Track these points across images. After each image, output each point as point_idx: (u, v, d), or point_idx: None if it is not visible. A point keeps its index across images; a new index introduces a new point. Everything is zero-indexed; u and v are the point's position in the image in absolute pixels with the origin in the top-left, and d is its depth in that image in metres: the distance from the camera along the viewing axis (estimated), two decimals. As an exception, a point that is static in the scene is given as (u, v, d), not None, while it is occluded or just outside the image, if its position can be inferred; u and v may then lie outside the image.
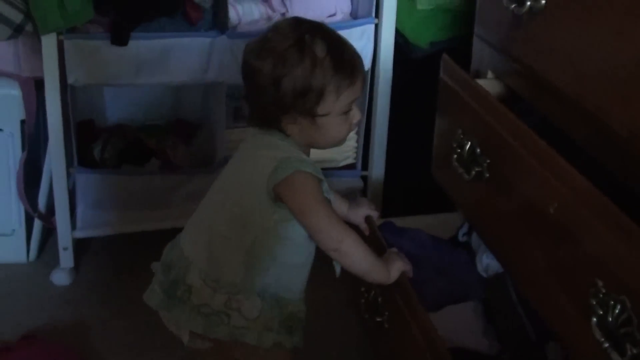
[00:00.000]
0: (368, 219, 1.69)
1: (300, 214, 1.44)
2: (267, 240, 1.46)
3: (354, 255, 1.48)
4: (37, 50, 2.06)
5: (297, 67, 1.42)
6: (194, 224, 1.56)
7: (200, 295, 1.47)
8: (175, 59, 2.08)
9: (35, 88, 2.17)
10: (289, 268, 1.50)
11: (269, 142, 1.48)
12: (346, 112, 1.47)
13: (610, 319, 1.08)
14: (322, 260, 1.53)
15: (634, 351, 1.04)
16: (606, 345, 1.09)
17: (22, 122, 2.21)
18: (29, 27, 2.03)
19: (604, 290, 1.10)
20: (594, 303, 1.11)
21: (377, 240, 1.64)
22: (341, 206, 1.68)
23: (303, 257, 1.51)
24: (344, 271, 1.53)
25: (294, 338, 1.51)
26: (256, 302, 1.47)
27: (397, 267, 1.54)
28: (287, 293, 1.50)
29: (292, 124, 1.46)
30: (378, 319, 1.63)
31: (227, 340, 1.46)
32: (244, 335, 1.46)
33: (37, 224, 2.34)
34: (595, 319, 1.11)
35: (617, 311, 1.07)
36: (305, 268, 1.53)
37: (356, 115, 1.50)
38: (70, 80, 2.06)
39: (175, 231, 2.27)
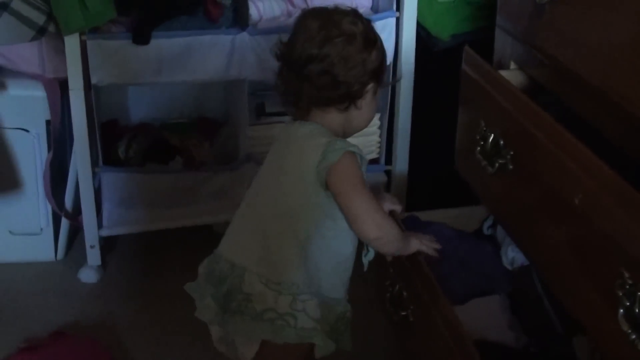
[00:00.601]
0: (392, 214, 1.68)
1: (346, 197, 1.44)
2: (320, 231, 1.45)
3: (391, 240, 1.50)
4: (60, 51, 2.08)
5: (361, 53, 1.46)
6: (239, 232, 1.52)
7: (263, 300, 1.43)
8: (196, 57, 2.09)
9: (59, 89, 2.18)
10: (339, 260, 1.49)
11: (307, 133, 1.48)
12: (375, 95, 1.53)
13: (637, 310, 1.07)
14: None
15: (662, 342, 1.04)
16: (633, 336, 1.08)
17: (48, 122, 2.22)
18: (51, 28, 2.04)
19: (630, 282, 1.09)
20: (621, 294, 1.10)
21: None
22: None
23: (351, 246, 1.51)
24: (369, 266, 1.53)
25: (344, 340, 1.50)
26: (317, 303, 1.46)
27: (414, 243, 1.57)
28: (333, 292, 1.50)
29: (335, 110, 1.49)
30: (403, 313, 1.63)
31: (293, 343, 1.43)
32: (312, 337, 1.44)
33: (65, 223, 2.36)
34: (622, 311, 1.10)
35: (644, 302, 1.07)
36: (352, 259, 1.52)
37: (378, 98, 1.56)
38: (94, 80, 2.08)
39: (200, 228, 2.30)
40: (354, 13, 1.50)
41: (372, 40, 1.50)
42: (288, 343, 1.44)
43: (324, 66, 1.45)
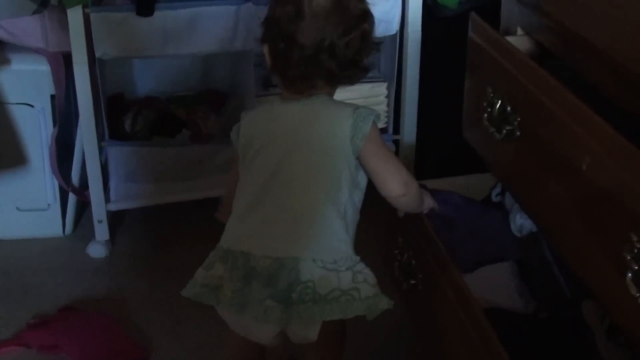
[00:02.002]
0: None
1: (380, 159, 1.46)
2: (353, 201, 1.46)
3: (415, 196, 1.52)
4: (64, 25, 2.07)
5: (365, 23, 1.47)
6: (271, 223, 1.44)
7: (326, 283, 1.39)
8: (201, 28, 2.08)
9: (64, 63, 2.17)
10: (358, 216, 1.51)
11: (326, 105, 1.47)
12: None
13: (645, 274, 1.07)
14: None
15: (671, 305, 1.03)
16: (642, 300, 1.07)
17: (52, 97, 2.22)
18: (54, 1, 2.03)
19: (638, 245, 1.08)
20: (629, 258, 1.09)
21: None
22: None
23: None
24: (376, 236, 1.53)
25: None
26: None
27: (428, 200, 1.58)
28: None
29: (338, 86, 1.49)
30: (412, 282, 1.63)
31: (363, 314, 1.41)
32: (378, 303, 1.41)
33: (72, 198, 2.36)
34: (630, 274, 1.09)
35: (652, 265, 1.06)
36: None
37: None
38: (98, 53, 2.07)
39: (208, 201, 2.29)
40: None
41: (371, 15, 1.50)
42: None
43: (346, 44, 1.44)
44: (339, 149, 1.43)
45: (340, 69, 1.45)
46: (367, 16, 1.48)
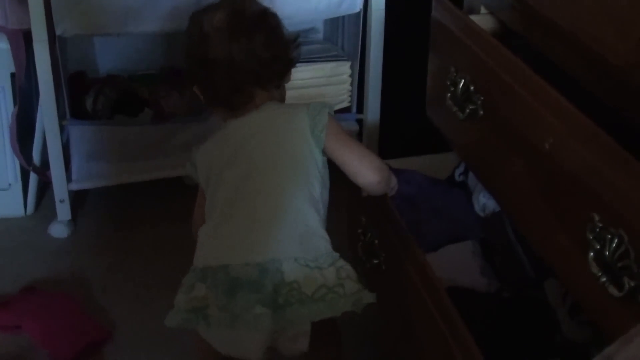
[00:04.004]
0: None
1: (347, 149, 1.46)
2: (323, 192, 1.46)
3: (387, 179, 1.51)
4: (23, 1, 2.03)
5: (265, 21, 1.49)
6: (246, 231, 1.41)
7: (312, 281, 1.37)
8: (163, 5, 2.05)
9: (24, 40, 2.14)
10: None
11: (276, 110, 1.49)
12: None
13: (607, 253, 1.07)
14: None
15: (632, 284, 1.04)
16: (604, 279, 1.08)
17: (13, 75, 2.18)
18: (13, -23, 2.00)
19: (600, 225, 1.09)
20: (591, 237, 1.10)
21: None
22: None
23: None
24: (338, 216, 1.53)
25: None
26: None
27: (394, 179, 1.58)
28: None
29: (273, 90, 1.51)
30: (375, 261, 1.63)
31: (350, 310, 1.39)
32: (362, 298, 1.40)
33: (33, 178, 2.33)
34: (592, 254, 1.10)
35: (614, 245, 1.06)
36: None
37: None
38: (58, 31, 2.03)
39: (171, 180, 2.28)
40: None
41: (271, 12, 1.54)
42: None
43: (256, 45, 1.46)
44: (303, 146, 1.43)
45: (263, 68, 1.46)
46: (265, 14, 1.50)
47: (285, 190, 1.42)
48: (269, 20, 1.50)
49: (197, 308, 1.40)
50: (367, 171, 1.47)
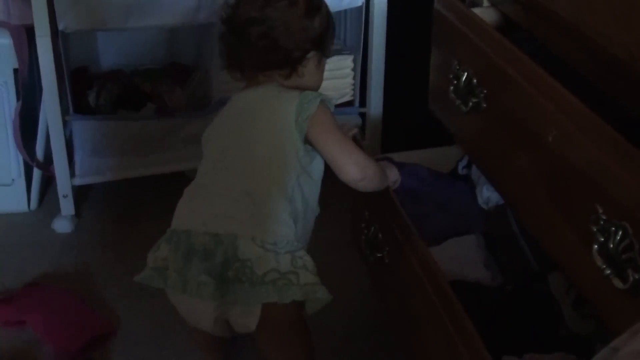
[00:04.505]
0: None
1: (330, 144, 1.45)
2: (301, 186, 1.45)
3: (375, 177, 1.51)
4: (26, -3, 2.03)
5: (303, 19, 1.48)
6: (211, 202, 1.46)
7: (264, 263, 1.38)
8: (165, 0, 2.05)
9: (26, 36, 2.14)
10: (311, 211, 1.51)
11: (272, 91, 1.47)
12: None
13: (611, 246, 1.07)
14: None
15: (636, 277, 1.03)
16: (608, 272, 1.08)
17: (15, 71, 2.18)
18: (14, -28, 2.00)
19: (604, 217, 1.09)
20: (595, 230, 1.10)
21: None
22: None
23: (318, 194, 1.52)
24: (343, 211, 1.53)
25: None
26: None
27: (393, 173, 1.60)
28: (301, 241, 1.49)
29: (279, 77, 1.49)
30: (378, 255, 1.63)
31: (296, 302, 1.41)
32: (316, 291, 1.42)
33: (37, 173, 2.33)
34: (596, 246, 1.10)
35: (618, 237, 1.06)
36: (316, 213, 1.54)
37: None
38: (61, 26, 2.03)
39: (174, 175, 2.28)
40: None
41: (316, 7, 1.50)
42: (291, 303, 1.41)
43: (264, 29, 1.46)
44: (284, 131, 1.43)
45: (256, 56, 1.48)
46: (290, 5, 1.49)
47: (256, 171, 1.44)
48: (293, 9, 1.49)
49: (159, 268, 1.47)
50: (347, 167, 1.47)
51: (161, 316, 1.96)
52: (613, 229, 1.07)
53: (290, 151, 1.44)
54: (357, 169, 1.47)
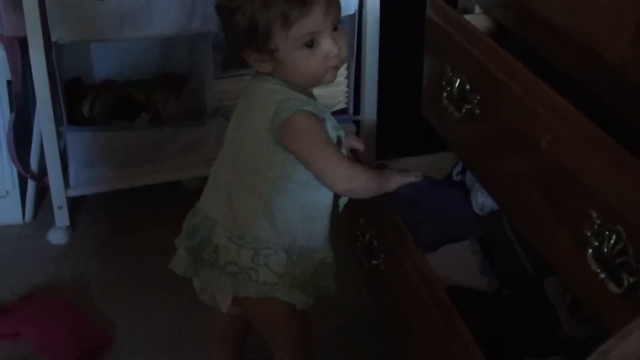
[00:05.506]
0: (353, 152, 1.65)
1: (305, 158, 1.39)
2: (285, 187, 1.43)
3: (364, 187, 1.46)
4: (18, 8, 2.03)
5: (245, 2, 1.38)
6: (212, 185, 1.53)
7: (226, 253, 1.44)
8: (158, 10, 2.05)
9: (19, 47, 2.14)
10: (313, 213, 1.48)
11: (264, 88, 1.43)
12: (310, 46, 1.39)
13: (605, 250, 1.07)
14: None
15: (631, 280, 1.04)
16: (603, 276, 1.08)
17: (9, 83, 2.18)
18: (7, -16, 2.00)
19: (598, 221, 1.09)
20: (589, 234, 1.10)
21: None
22: None
23: (327, 197, 1.48)
24: (337, 217, 1.52)
25: (323, 283, 1.50)
26: (282, 257, 1.45)
27: (395, 179, 1.51)
28: (311, 242, 1.49)
29: (262, 62, 1.42)
30: (374, 262, 1.63)
31: (254, 299, 1.44)
32: (274, 292, 1.43)
33: (31, 185, 2.33)
34: (590, 251, 1.10)
35: (612, 241, 1.06)
36: (326, 210, 1.50)
37: (328, 48, 1.40)
38: (54, 37, 2.04)
39: (169, 185, 2.28)
40: None
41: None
42: (266, 298, 1.44)
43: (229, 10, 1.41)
44: (260, 133, 1.40)
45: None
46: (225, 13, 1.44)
47: (237, 167, 1.46)
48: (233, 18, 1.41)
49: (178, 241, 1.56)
50: (330, 180, 1.42)
51: (157, 327, 1.96)
52: (607, 233, 1.07)
53: (268, 152, 1.41)
54: (338, 182, 1.42)
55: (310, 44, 1.39)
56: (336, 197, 1.51)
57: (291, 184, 1.43)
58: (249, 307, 1.51)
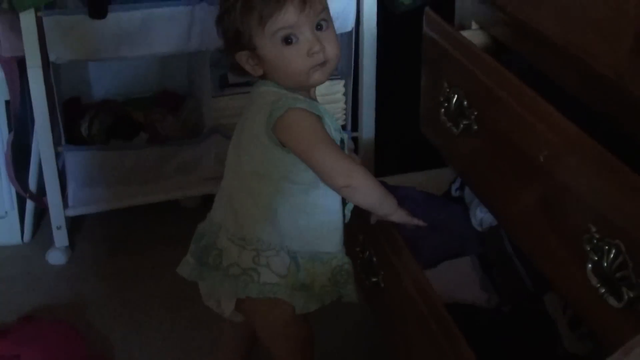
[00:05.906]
0: None
1: (303, 154, 1.40)
2: (288, 189, 1.44)
3: (366, 188, 1.45)
4: (16, 29, 2.03)
5: (223, 6, 1.44)
6: (219, 192, 1.55)
7: (229, 255, 1.46)
8: (156, 29, 2.06)
9: (18, 67, 2.14)
10: (321, 217, 1.48)
11: (260, 92, 1.46)
12: (289, 42, 1.40)
13: (605, 264, 1.07)
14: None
15: (631, 295, 1.03)
16: (602, 290, 1.08)
17: (7, 103, 2.18)
18: (4, 4, 1.99)
19: (597, 236, 1.09)
20: (589, 249, 1.10)
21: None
22: None
23: (334, 201, 1.48)
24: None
25: (348, 291, 1.50)
26: (285, 259, 1.45)
27: (400, 213, 1.52)
28: (326, 246, 1.49)
29: (254, 65, 1.45)
30: (374, 279, 1.62)
31: (255, 300, 1.44)
32: (275, 292, 1.44)
33: (30, 205, 2.33)
34: (590, 265, 1.10)
35: (611, 256, 1.06)
36: (339, 214, 1.51)
37: (308, 44, 1.41)
38: (52, 57, 2.04)
39: (168, 204, 2.28)
40: None
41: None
42: (268, 300, 1.45)
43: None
44: (259, 136, 1.42)
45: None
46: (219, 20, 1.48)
47: (240, 171, 1.48)
48: (221, 24, 1.46)
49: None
50: (328, 174, 1.42)
51: (156, 346, 1.95)
52: (606, 247, 1.07)
53: (268, 155, 1.42)
54: (337, 175, 1.42)
55: (290, 41, 1.41)
56: (343, 203, 1.51)
57: (294, 185, 1.44)
58: (250, 309, 1.50)
